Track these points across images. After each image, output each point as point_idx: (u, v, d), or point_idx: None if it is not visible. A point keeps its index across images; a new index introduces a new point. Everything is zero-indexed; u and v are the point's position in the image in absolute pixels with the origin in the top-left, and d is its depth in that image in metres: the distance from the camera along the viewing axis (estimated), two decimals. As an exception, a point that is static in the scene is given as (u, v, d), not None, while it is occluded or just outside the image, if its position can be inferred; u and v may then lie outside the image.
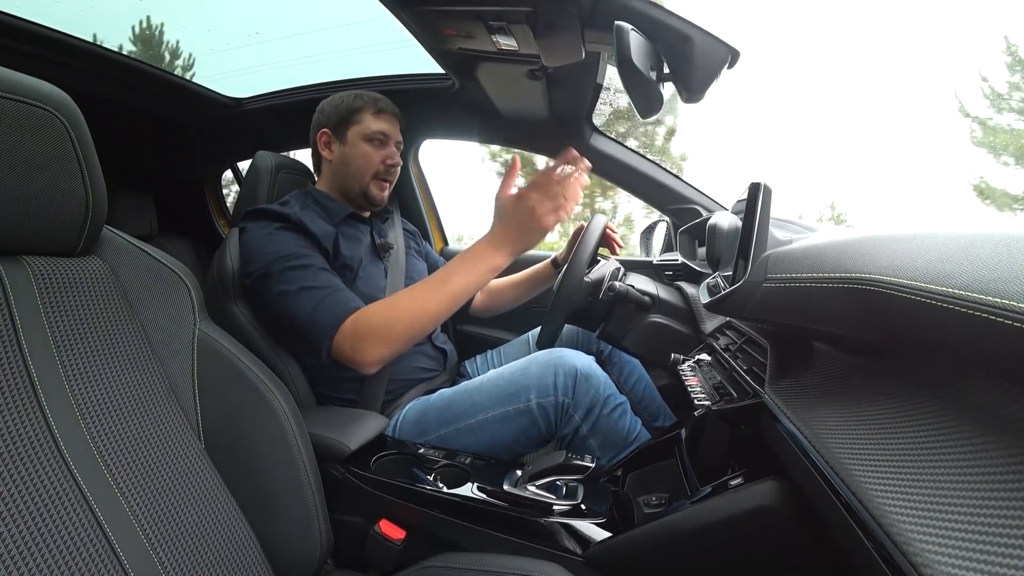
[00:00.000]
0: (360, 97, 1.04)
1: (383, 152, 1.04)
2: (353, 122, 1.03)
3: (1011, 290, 0.27)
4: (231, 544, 0.54)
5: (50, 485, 0.43)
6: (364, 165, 1.03)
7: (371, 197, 1.05)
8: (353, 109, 1.03)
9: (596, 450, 0.87)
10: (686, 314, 1.04)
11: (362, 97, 1.04)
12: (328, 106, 1.05)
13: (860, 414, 0.42)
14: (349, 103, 1.03)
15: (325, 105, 1.06)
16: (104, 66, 1.25)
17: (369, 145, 1.03)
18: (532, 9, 0.77)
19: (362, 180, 1.04)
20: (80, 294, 0.52)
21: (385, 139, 1.05)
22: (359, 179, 1.04)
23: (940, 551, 0.28)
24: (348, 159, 1.04)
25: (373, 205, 1.07)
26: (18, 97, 0.47)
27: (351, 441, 0.79)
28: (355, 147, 1.03)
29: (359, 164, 1.03)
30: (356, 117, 1.03)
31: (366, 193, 1.05)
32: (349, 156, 1.03)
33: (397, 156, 1.06)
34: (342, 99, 1.05)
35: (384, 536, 0.73)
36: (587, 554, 0.66)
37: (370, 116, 1.03)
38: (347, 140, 1.03)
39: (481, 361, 1.24)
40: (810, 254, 0.48)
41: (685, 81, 0.66)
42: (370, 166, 1.03)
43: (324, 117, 1.05)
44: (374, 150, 1.03)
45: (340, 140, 1.04)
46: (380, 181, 1.05)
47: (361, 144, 1.03)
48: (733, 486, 0.59)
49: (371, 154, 1.03)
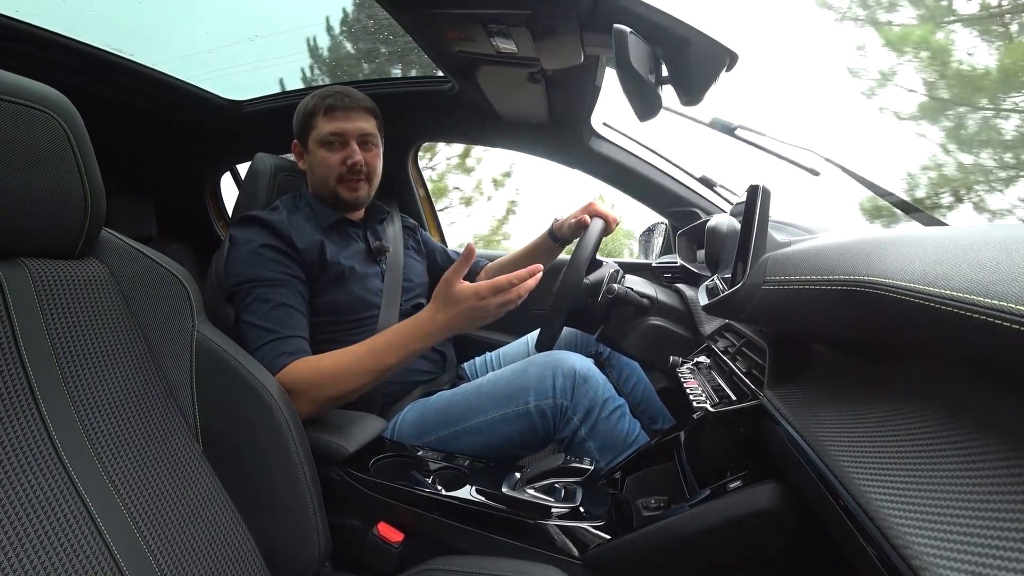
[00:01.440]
0: (315, 97, 0.99)
1: (341, 154, 0.98)
2: (310, 128, 0.99)
3: (1009, 292, 0.27)
4: (229, 546, 0.53)
5: (47, 487, 0.43)
6: (324, 172, 0.99)
7: (343, 200, 1.01)
8: (308, 115, 0.99)
9: (595, 452, 0.87)
10: (685, 316, 1.04)
11: (318, 96, 0.99)
12: (296, 115, 1.02)
13: (858, 416, 0.42)
14: (307, 110, 0.99)
15: (295, 114, 1.03)
16: (103, 68, 1.26)
17: (325, 150, 0.98)
18: (531, 12, 0.77)
19: (328, 186, 1.00)
20: (78, 296, 0.52)
21: (342, 139, 0.98)
22: (326, 185, 1.00)
23: (938, 554, 0.28)
24: (312, 167, 1.01)
25: (352, 207, 1.04)
26: (16, 99, 0.47)
27: (349, 443, 0.78)
28: (314, 155, 1.00)
29: (321, 172, 0.99)
30: (311, 123, 0.99)
31: (337, 198, 1.01)
32: (312, 164, 1.01)
33: (357, 154, 0.99)
34: (304, 105, 1.00)
35: (382, 538, 0.73)
36: (586, 557, 0.66)
37: (321, 119, 0.98)
38: (309, 148, 1.01)
39: (480, 363, 1.24)
40: (809, 256, 0.48)
41: (684, 84, 0.66)
42: (330, 171, 0.99)
43: (294, 127, 1.02)
44: (331, 154, 0.98)
45: (307, 149, 1.01)
46: (347, 183, 1.00)
47: (318, 151, 0.99)
48: (732, 489, 0.59)
49: (328, 158, 0.98)
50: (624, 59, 0.59)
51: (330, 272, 0.94)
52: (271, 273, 0.87)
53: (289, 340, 0.84)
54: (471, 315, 0.76)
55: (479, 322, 0.77)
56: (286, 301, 0.87)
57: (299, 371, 0.79)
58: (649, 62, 0.63)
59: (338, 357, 0.81)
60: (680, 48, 0.64)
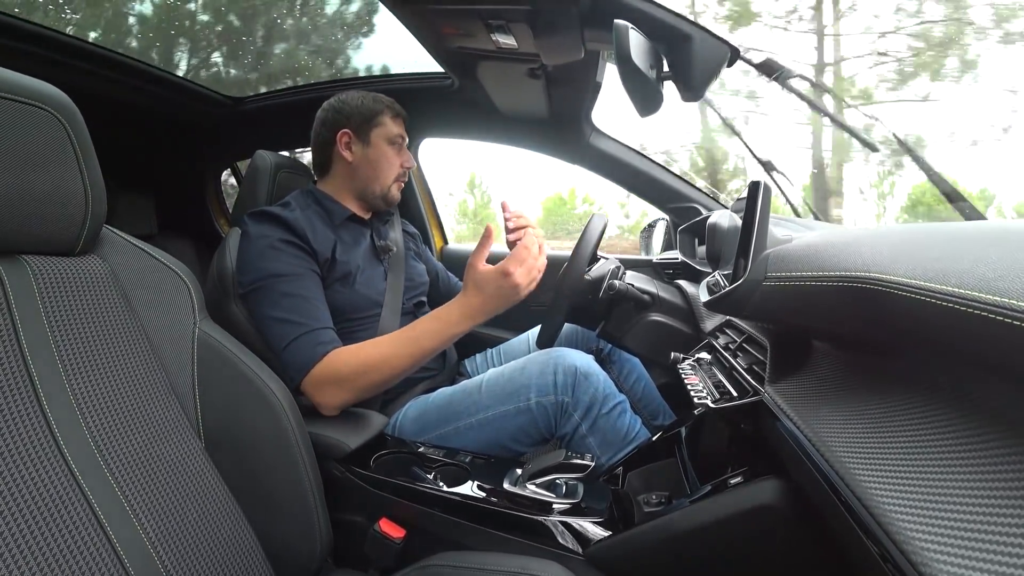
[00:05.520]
0: (379, 100, 1.04)
1: (403, 156, 1.06)
2: (376, 124, 1.03)
3: (1011, 288, 0.27)
4: (231, 542, 0.54)
5: (51, 484, 0.43)
6: (386, 168, 1.04)
7: (391, 199, 1.07)
8: (375, 111, 1.03)
9: (596, 449, 0.87)
10: (686, 313, 1.04)
11: (381, 100, 1.04)
12: (346, 106, 1.03)
13: (860, 412, 0.42)
14: (370, 104, 1.03)
15: (341, 105, 1.04)
16: (104, 66, 1.25)
17: (391, 148, 1.04)
18: (532, 7, 0.77)
19: (385, 182, 1.05)
20: (80, 293, 0.52)
21: (403, 142, 1.07)
22: (382, 182, 1.05)
23: (939, 550, 0.28)
24: (371, 161, 1.03)
25: (390, 205, 1.09)
26: (17, 97, 0.47)
27: (351, 440, 0.79)
28: (378, 150, 1.03)
29: (382, 167, 1.04)
30: (378, 119, 1.03)
31: (386, 195, 1.06)
32: (372, 158, 1.03)
33: (412, 159, 1.09)
34: (361, 100, 1.04)
35: (384, 534, 0.73)
36: (587, 553, 0.66)
37: (390, 119, 1.04)
38: (370, 142, 1.03)
39: (481, 360, 1.24)
40: (810, 252, 0.48)
41: (684, 79, 0.66)
42: (393, 169, 1.05)
43: (343, 117, 1.03)
44: (395, 153, 1.05)
45: (363, 141, 1.03)
46: (399, 183, 1.08)
47: (384, 147, 1.03)
48: (733, 485, 0.59)
49: (393, 157, 1.04)
50: (625, 54, 0.59)
51: (338, 270, 0.95)
52: (291, 267, 0.88)
53: (322, 331, 0.85)
54: (502, 293, 0.80)
55: (512, 299, 0.80)
56: (310, 294, 0.88)
57: (341, 359, 0.82)
58: (650, 57, 0.63)
59: (379, 344, 0.84)
60: (681, 43, 0.64)
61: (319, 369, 0.81)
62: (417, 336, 0.83)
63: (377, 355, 0.82)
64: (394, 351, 0.82)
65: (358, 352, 0.83)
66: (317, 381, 0.81)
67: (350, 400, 0.83)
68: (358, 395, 0.83)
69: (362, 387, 0.82)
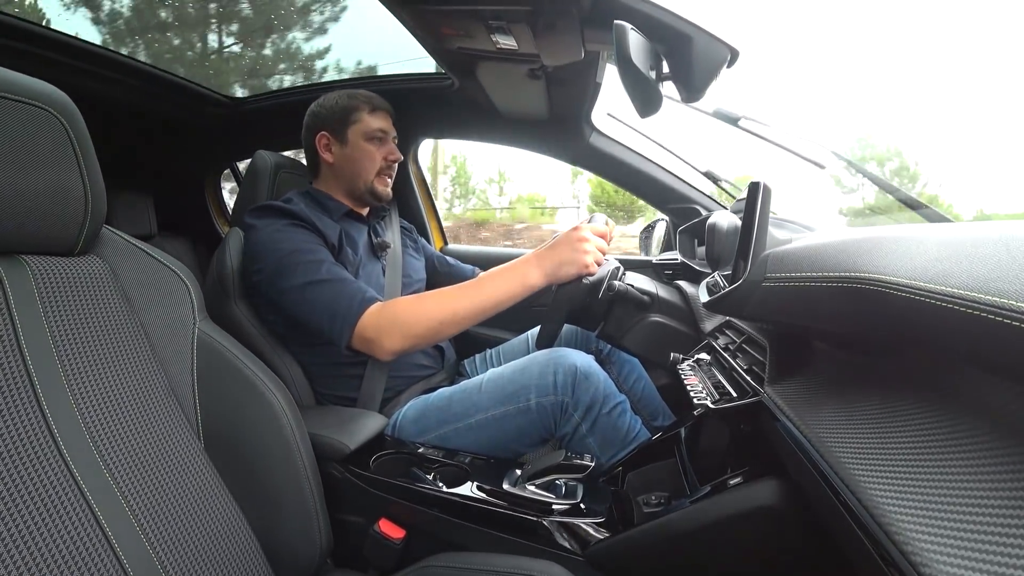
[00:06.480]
0: (354, 96, 1.05)
1: (384, 149, 1.06)
2: (352, 122, 1.04)
3: (1010, 289, 0.27)
4: (230, 543, 0.54)
5: (50, 484, 0.43)
6: (367, 163, 1.05)
7: (377, 193, 1.07)
8: (350, 108, 1.04)
9: (595, 449, 0.87)
10: (685, 313, 1.04)
11: (356, 96, 1.05)
12: (323, 108, 1.06)
13: (859, 413, 0.42)
14: (345, 103, 1.04)
15: (318, 108, 1.06)
16: (103, 66, 1.25)
17: (371, 143, 1.05)
18: (532, 8, 0.77)
19: (367, 178, 1.05)
20: (79, 293, 0.52)
21: (384, 136, 1.06)
22: (364, 178, 1.05)
23: (939, 550, 0.28)
24: (351, 159, 1.05)
25: (379, 200, 1.09)
26: (16, 97, 0.47)
27: (351, 440, 0.79)
28: (357, 147, 1.04)
29: (363, 164, 1.04)
30: (354, 116, 1.04)
31: (372, 190, 1.06)
32: (352, 156, 1.04)
33: (397, 151, 1.08)
34: (336, 99, 1.05)
35: (384, 535, 0.73)
36: (587, 553, 0.66)
37: (367, 115, 1.04)
38: (348, 140, 1.04)
39: (480, 360, 1.24)
40: (809, 253, 0.48)
41: (685, 80, 0.66)
42: (374, 164, 1.05)
43: (320, 120, 1.05)
44: (376, 148, 1.05)
45: (340, 141, 1.05)
46: (383, 177, 1.07)
47: (362, 143, 1.04)
48: (732, 485, 0.59)
49: (374, 152, 1.05)
50: (625, 55, 0.59)
51: (344, 259, 0.95)
52: (307, 243, 0.89)
53: (360, 283, 0.86)
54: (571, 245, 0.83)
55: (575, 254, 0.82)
56: (333, 263, 0.89)
57: (401, 304, 0.83)
58: (650, 58, 0.62)
59: (435, 292, 0.86)
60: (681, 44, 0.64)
61: (374, 314, 0.81)
62: (481, 282, 0.85)
63: (435, 300, 0.83)
64: (455, 297, 0.83)
65: (415, 298, 0.84)
66: (373, 326, 0.81)
67: (405, 347, 0.82)
68: (414, 342, 0.82)
69: (419, 333, 0.82)
